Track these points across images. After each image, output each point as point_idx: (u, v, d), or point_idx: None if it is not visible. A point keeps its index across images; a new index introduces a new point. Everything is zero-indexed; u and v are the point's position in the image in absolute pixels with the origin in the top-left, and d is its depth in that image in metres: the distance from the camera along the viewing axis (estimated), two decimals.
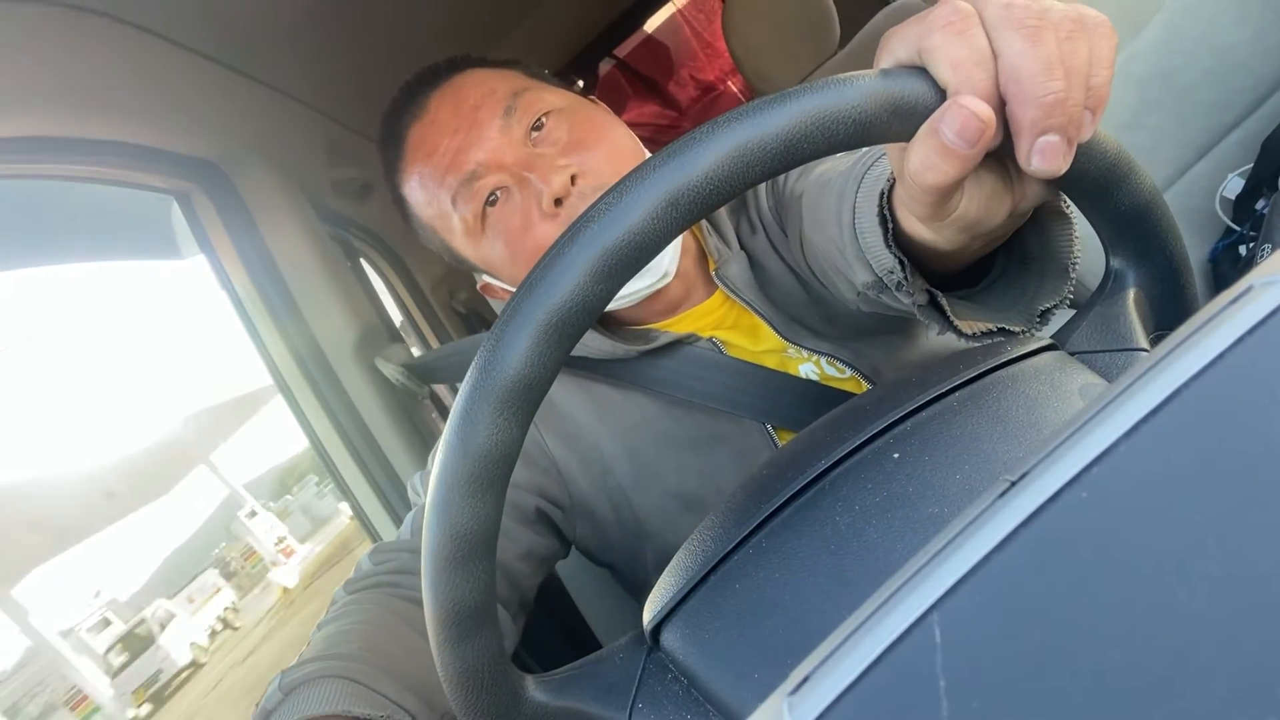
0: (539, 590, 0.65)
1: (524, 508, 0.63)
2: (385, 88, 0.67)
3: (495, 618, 0.32)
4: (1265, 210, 0.83)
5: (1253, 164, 0.88)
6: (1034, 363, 0.35)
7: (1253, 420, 0.14)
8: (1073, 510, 0.15)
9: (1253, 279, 0.16)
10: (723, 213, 0.68)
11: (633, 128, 0.65)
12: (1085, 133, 0.29)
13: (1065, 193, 0.35)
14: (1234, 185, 0.89)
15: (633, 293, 0.61)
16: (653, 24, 2.79)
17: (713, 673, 0.31)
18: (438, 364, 0.94)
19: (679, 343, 0.64)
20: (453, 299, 1.64)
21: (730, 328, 0.66)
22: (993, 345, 0.38)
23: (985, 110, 0.27)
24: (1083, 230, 0.37)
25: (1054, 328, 0.39)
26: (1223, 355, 0.15)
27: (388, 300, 1.45)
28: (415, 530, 0.62)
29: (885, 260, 0.39)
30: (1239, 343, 0.15)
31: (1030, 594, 0.14)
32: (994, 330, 0.38)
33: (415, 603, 0.55)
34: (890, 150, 0.34)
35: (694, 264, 0.67)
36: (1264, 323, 0.15)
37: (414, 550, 0.59)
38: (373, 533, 1.00)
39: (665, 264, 0.61)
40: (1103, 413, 0.16)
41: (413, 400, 1.05)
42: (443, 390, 1.21)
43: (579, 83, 2.30)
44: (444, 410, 1.18)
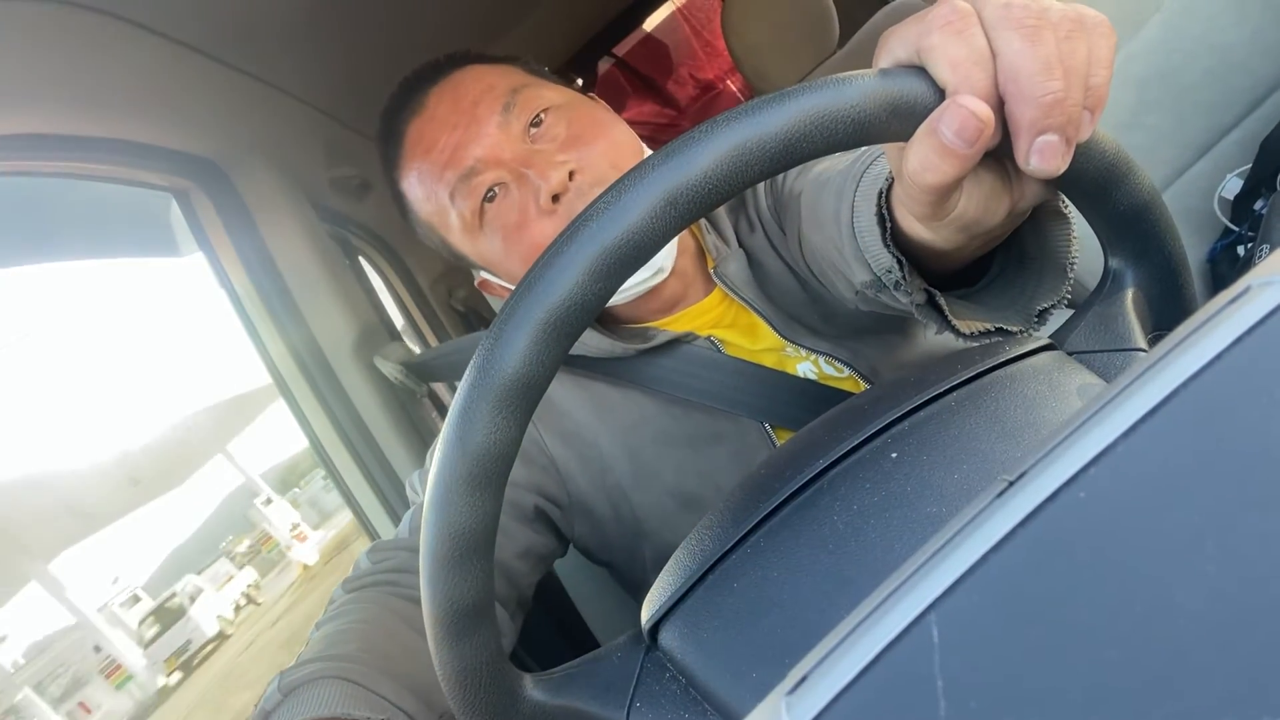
0: (537, 589, 0.65)
1: (522, 506, 0.63)
2: (384, 86, 0.67)
3: (493, 616, 0.32)
4: (1263, 210, 0.83)
5: (1251, 164, 0.88)
6: (1032, 362, 0.35)
7: (1251, 420, 0.14)
8: (1071, 510, 0.15)
9: (1251, 279, 0.16)
10: (722, 211, 0.68)
11: (632, 126, 0.65)
12: (1084, 132, 0.29)
13: (1064, 192, 0.35)
14: (1232, 185, 0.89)
15: (630, 288, 0.61)
16: (652, 23, 2.79)
17: (711, 672, 0.31)
18: (436, 362, 0.94)
19: (677, 341, 0.64)
20: (451, 297, 1.63)
21: (728, 326, 0.66)
22: (991, 345, 0.38)
23: (984, 110, 0.27)
24: (1081, 230, 0.37)
25: (1052, 327, 0.39)
26: (1221, 355, 0.15)
27: (386, 299, 1.45)
28: (414, 529, 0.62)
29: (883, 259, 0.39)
30: (1237, 343, 0.15)
31: (1028, 594, 0.14)
32: (992, 330, 0.38)
33: (414, 601, 0.55)
34: (889, 150, 0.34)
35: (692, 262, 0.67)
36: (1262, 323, 0.15)
37: (412, 549, 0.59)
38: (371, 531, 1.00)
39: (662, 259, 0.61)
40: (1101, 413, 0.16)
41: (411, 398, 1.05)
42: (441, 389, 1.21)
43: (578, 81, 2.29)
44: (442, 409, 1.18)
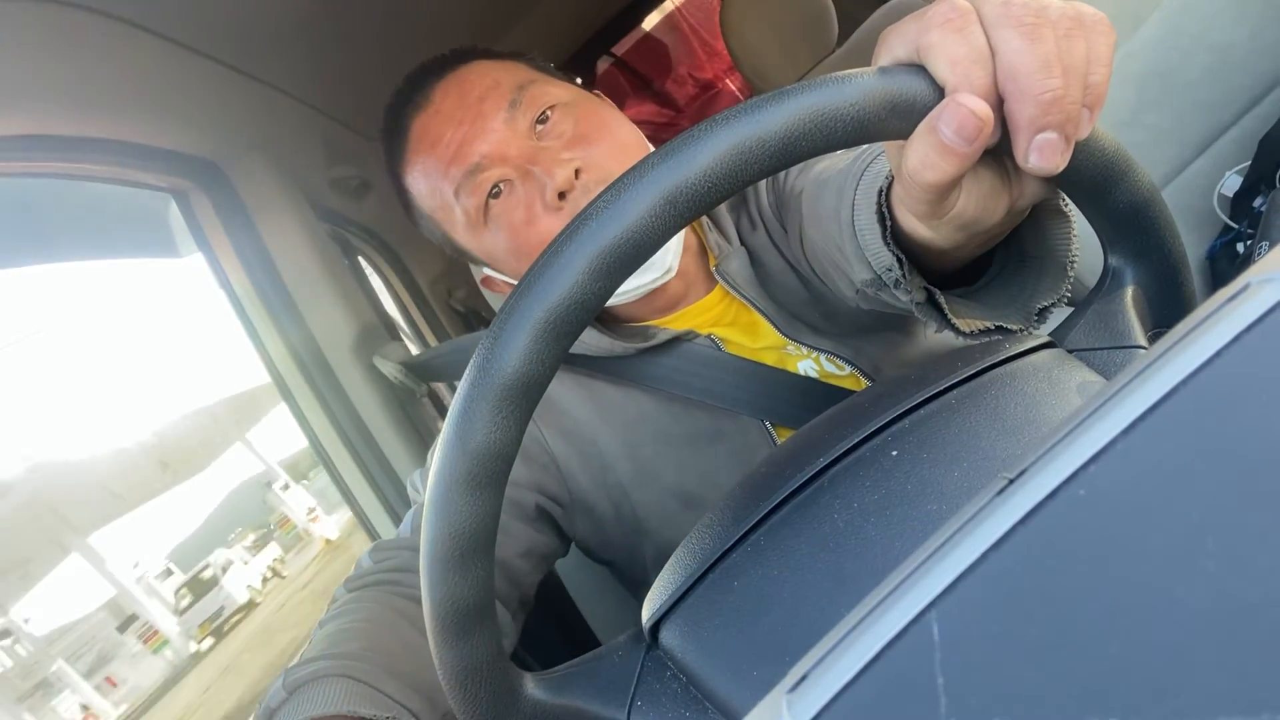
0: (538, 588, 0.65)
1: (524, 505, 0.63)
2: (383, 86, 0.67)
3: (494, 615, 0.32)
4: (1263, 208, 0.83)
5: (1250, 161, 0.88)
6: (1032, 360, 0.35)
7: (1250, 417, 0.14)
8: (1071, 508, 0.15)
9: (1250, 276, 0.16)
10: (723, 208, 0.68)
11: None
12: (1083, 130, 0.29)
13: (1063, 190, 0.35)
14: (1232, 183, 0.89)
15: (635, 288, 0.61)
16: (650, 22, 2.78)
17: (711, 670, 0.31)
18: (436, 362, 0.94)
19: (677, 340, 0.64)
20: (451, 297, 1.63)
21: (729, 324, 0.66)
22: (991, 343, 0.38)
23: (983, 108, 0.27)
24: (1081, 228, 0.37)
25: (1052, 325, 0.39)
26: (1220, 353, 0.15)
27: (386, 298, 1.45)
28: (415, 528, 0.62)
29: (883, 258, 0.39)
30: (1236, 340, 0.15)
31: (1028, 591, 0.14)
32: (992, 328, 0.38)
33: (416, 601, 0.55)
34: (888, 148, 0.34)
35: (694, 260, 0.67)
36: (1261, 320, 0.15)
37: (414, 548, 0.59)
38: (372, 531, 1.00)
39: (669, 259, 0.61)
40: (1101, 410, 0.16)
41: (411, 398, 1.05)
42: (441, 388, 1.21)
43: (577, 80, 2.29)
44: (442, 408, 1.18)
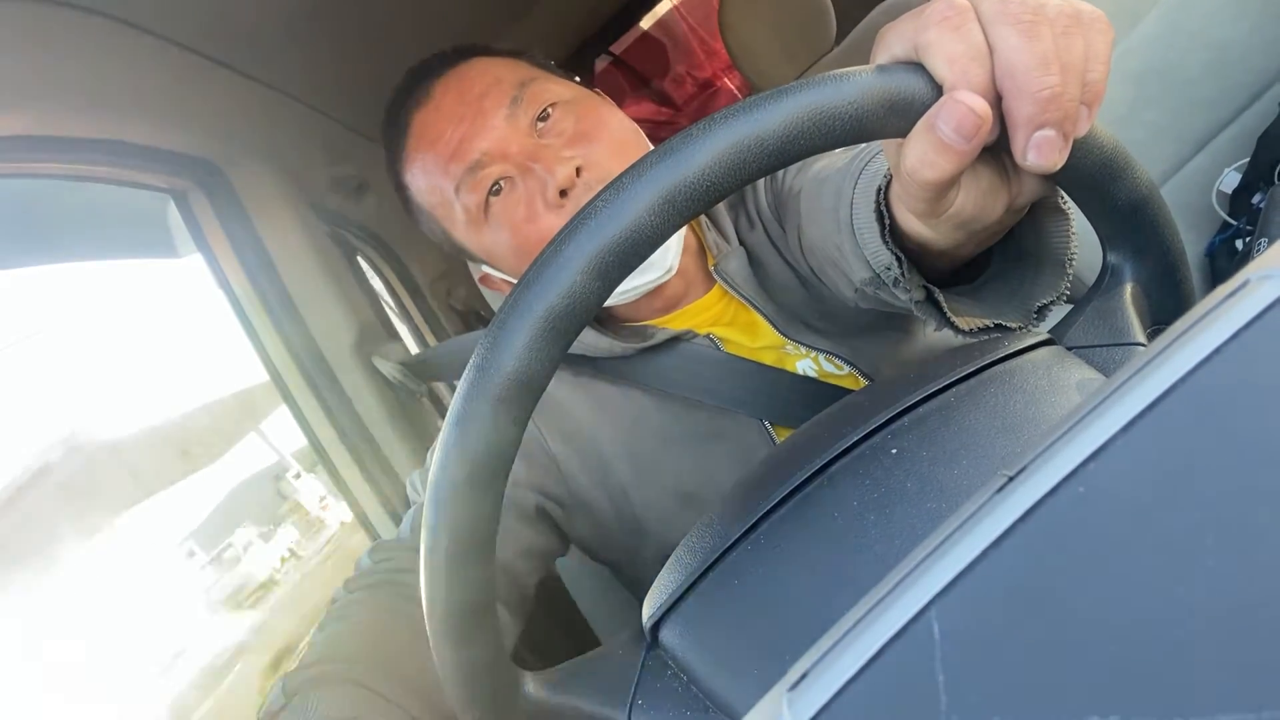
0: (538, 587, 0.65)
1: (523, 505, 0.62)
2: (382, 86, 0.67)
3: (495, 615, 0.32)
4: (1261, 204, 0.83)
5: (1249, 158, 0.88)
6: (1031, 358, 0.35)
7: (1250, 414, 0.14)
8: (1071, 505, 0.15)
9: (1249, 273, 0.16)
10: (722, 207, 0.68)
11: None
12: (1081, 128, 0.29)
13: (1062, 188, 0.35)
14: (1230, 180, 0.89)
15: (636, 287, 0.61)
16: (648, 21, 2.78)
17: (712, 669, 0.31)
18: (435, 361, 0.94)
19: (676, 339, 0.64)
20: (450, 296, 1.63)
21: (728, 324, 0.66)
22: (990, 340, 0.38)
23: (981, 105, 0.27)
24: (1079, 225, 0.37)
25: (1051, 322, 0.39)
26: (1220, 349, 0.15)
27: (385, 298, 1.45)
28: (415, 529, 0.62)
29: (882, 257, 0.39)
30: (1236, 337, 0.15)
31: (1028, 589, 0.14)
32: (991, 327, 0.38)
33: (416, 601, 0.54)
34: (887, 146, 0.34)
35: (693, 259, 0.67)
36: (1260, 317, 0.15)
37: (414, 549, 0.59)
38: (372, 531, 1.00)
39: (670, 260, 0.60)
40: (1100, 407, 0.16)
41: (411, 398, 1.05)
42: (441, 388, 1.21)
43: (577, 78, 2.29)
44: (442, 408, 1.18)
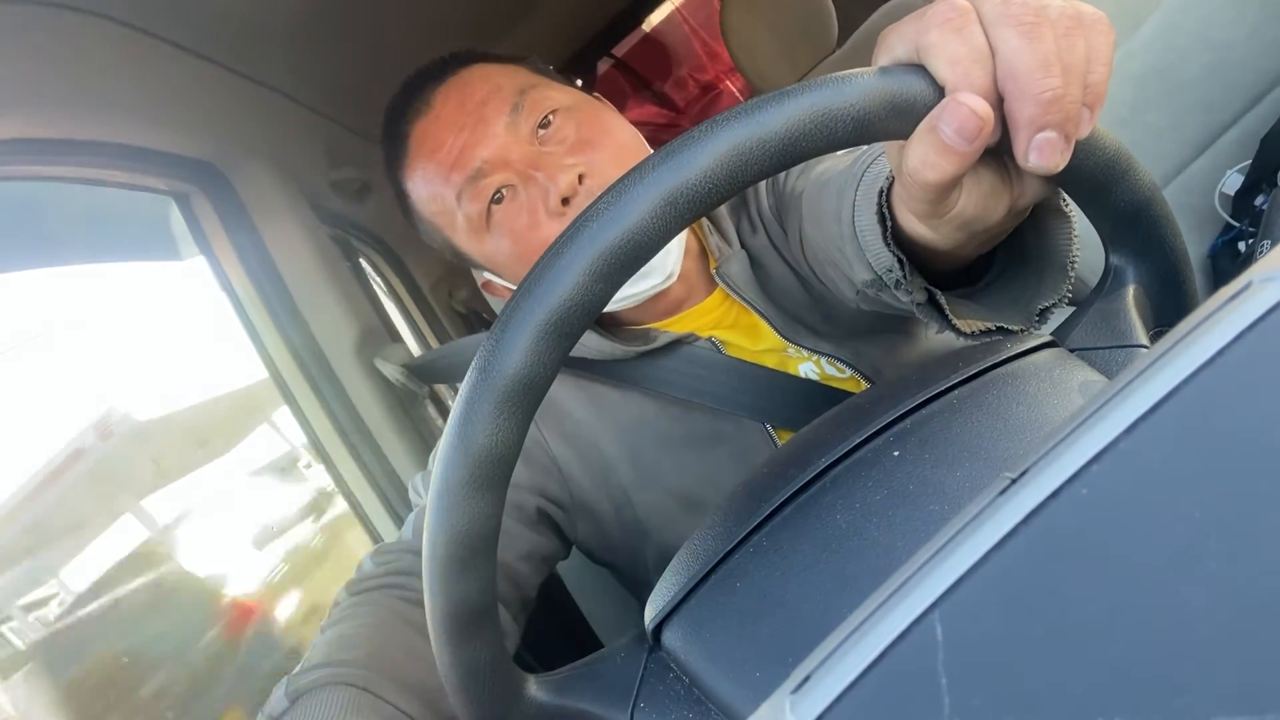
0: (540, 589, 0.65)
1: (525, 508, 0.62)
2: (383, 88, 0.67)
3: (496, 618, 0.32)
4: (1264, 206, 0.83)
5: (1251, 160, 0.87)
6: (1034, 360, 0.35)
7: (1252, 416, 0.14)
8: (1073, 507, 0.15)
9: (1252, 275, 0.16)
10: (723, 211, 0.68)
11: None
12: (1083, 129, 0.29)
13: (1064, 190, 0.35)
14: (1233, 181, 0.89)
15: (637, 293, 0.61)
16: (651, 23, 2.79)
17: (714, 672, 0.31)
18: (437, 364, 0.94)
19: (678, 343, 0.64)
20: (452, 299, 1.63)
21: (730, 327, 0.66)
22: (992, 343, 0.38)
23: (983, 107, 0.27)
24: (1082, 227, 0.37)
25: (1053, 325, 0.39)
26: (1222, 351, 0.15)
27: (387, 301, 1.45)
28: (417, 531, 0.62)
29: (884, 259, 0.39)
30: (1238, 339, 0.15)
31: (1031, 591, 0.14)
32: (993, 329, 0.38)
33: (418, 604, 0.55)
34: (889, 148, 0.34)
35: (695, 263, 0.67)
36: (1263, 319, 0.15)
37: (416, 551, 0.59)
38: (373, 533, 1.00)
39: (670, 265, 0.60)
40: (1103, 409, 0.16)
41: (413, 400, 1.05)
42: (443, 390, 1.21)
43: (577, 82, 2.30)
44: (444, 410, 1.18)
